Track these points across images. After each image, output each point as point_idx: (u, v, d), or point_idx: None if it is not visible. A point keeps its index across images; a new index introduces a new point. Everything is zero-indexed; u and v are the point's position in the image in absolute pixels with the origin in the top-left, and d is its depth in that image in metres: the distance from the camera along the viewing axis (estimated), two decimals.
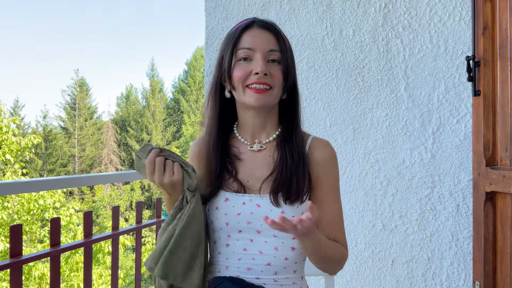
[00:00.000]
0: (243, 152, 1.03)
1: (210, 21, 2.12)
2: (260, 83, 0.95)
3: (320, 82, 2.01)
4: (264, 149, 1.03)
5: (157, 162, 0.91)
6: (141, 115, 27.71)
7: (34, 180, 1.66)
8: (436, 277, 1.87)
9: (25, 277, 7.11)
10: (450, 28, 1.87)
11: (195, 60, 28.61)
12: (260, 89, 0.96)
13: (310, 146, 1.04)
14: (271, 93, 0.97)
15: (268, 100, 0.98)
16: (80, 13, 48.49)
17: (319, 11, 2.01)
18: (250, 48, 0.97)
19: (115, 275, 1.93)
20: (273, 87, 0.97)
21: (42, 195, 8.15)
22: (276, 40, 0.99)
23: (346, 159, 1.97)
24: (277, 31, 1.00)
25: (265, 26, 0.99)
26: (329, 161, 1.03)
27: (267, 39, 0.98)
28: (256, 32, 0.98)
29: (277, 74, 0.97)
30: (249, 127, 1.04)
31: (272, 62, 0.98)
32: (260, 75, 0.95)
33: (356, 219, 1.96)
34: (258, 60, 0.95)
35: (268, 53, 0.97)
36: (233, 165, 1.01)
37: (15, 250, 1.41)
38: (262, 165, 1.01)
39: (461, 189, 1.85)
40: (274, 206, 0.95)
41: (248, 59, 0.97)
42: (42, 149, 25.17)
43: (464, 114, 1.85)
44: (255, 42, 0.97)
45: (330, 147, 1.06)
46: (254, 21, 1.00)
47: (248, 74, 0.96)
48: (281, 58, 0.98)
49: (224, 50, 1.01)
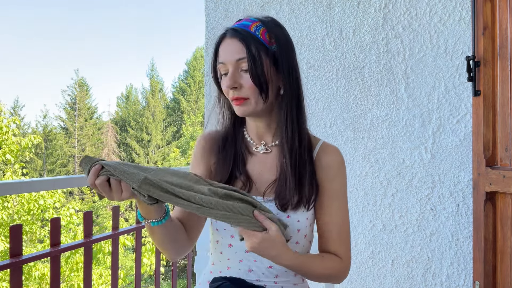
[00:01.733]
0: (251, 152, 1.03)
1: (210, 21, 2.13)
2: (234, 98, 0.94)
3: (320, 82, 2.01)
4: (270, 152, 1.02)
5: (99, 186, 0.81)
6: (141, 115, 27.70)
7: (34, 180, 1.66)
8: (436, 277, 1.87)
9: (25, 277, 7.11)
10: (450, 28, 1.87)
11: (195, 60, 28.61)
12: (237, 101, 0.94)
13: (319, 151, 1.02)
14: (249, 103, 0.94)
15: (249, 110, 0.95)
16: (80, 13, 48.53)
17: (319, 11, 2.01)
18: (222, 63, 0.94)
19: (115, 275, 1.93)
20: (248, 97, 0.93)
21: (42, 195, 8.16)
22: (245, 46, 0.91)
23: (346, 159, 1.97)
24: (246, 35, 0.92)
25: (234, 34, 0.93)
26: (334, 167, 1.00)
27: (235, 48, 0.92)
28: (227, 42, 0.94)
29: (247, 84, 0.92)
30: (254, 129, 1.03)
31: (244, 72, 0.92)
32: (230, 90, 0.94)
33: (356, 219, 1.96)
34: (228, 75, 0.93)
35: (237, 63, 0.92)
36: (241, 165, 1.00)
37: (15, 250, 1.41)
38: (268, 168, 1.00)
39: (461, 189, 1.85)
40: (278, 210, 0.94)
41: (226, 73, 0.95)
42: (42, 149, 25.17)
43: (464, 114, 1.85)
44: (226, 54, 0.93)
45: (338, 154, 1.02)
46: (226, 31, 0.95)
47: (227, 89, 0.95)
48: (248, 65, 0.91)
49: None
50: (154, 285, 2.29)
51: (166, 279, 16.00)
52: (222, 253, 1.01)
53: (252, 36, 0.92)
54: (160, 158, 26.26)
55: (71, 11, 48.45)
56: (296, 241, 0.97)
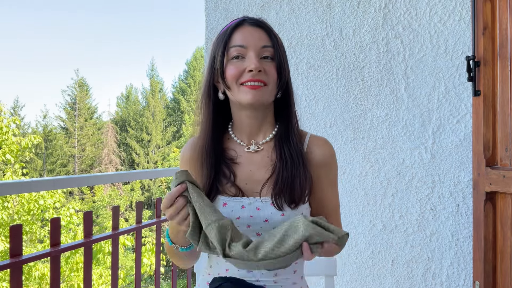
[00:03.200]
0: (240, 154, 1.01)
1: (210, 21, 2.13)
2: (255, 80, 0.93)
3: (320, 82, 2.01)
4: (261, 150, 1.01)
5: (175, 203, 0.85)
6: (141, 115, 27.70)
7: (34, 180, 1.66)
8: (436, 277, 1.87)
9: (25, 277, 7.11)
10: (450, 28, 1.87)
11: (195, 60, 28.61)
12: (255, 85, 0.93)
13: (309, 144, 1.03)
14: (266, 90, 0.95)
15: (264, 97, 0.95)
16: (80, 13, 48.54)
17: (319, 11, 2.01)
18: (242, 46, 0.94)
19: (115, 275, 1.93)
20: (268, 84, 0.95)
21: (42, 195, 8.16)
22: (268, 36, 0.97)
23: (346, 159, 1.97)
24: (269, 27, 0.99)
25: (256, 24, 0.97)
26: (329, 159, 1.03)
27: (259, 35, 0.96)
28: (248, 29, 0.96)
29: (271, 71, 0.95)
30: (246, 128, 1.02)
31: (265, 59, 0.95)
32: (255, 72, 0.93)
33: (356, 219, 1.96)
34: (252, 57, 0.93)
35: (261, 50, 0.95)
36: (230, 169, 0.99)
37: (15, 250, 1.41)
38: (261, 167, 0.99)
39: (461, 189, 1.85)
40: (274, 209, 0.94)
41: (240, 57, 0.95)
42: (42, 149, 25.17)
43: (464, 114, 1.85)
44: (247, 39, 0.95)
45: (329, 144, 1.05)
46: (245, 19, 0.99)
47: (242, 72, 0.94)
48: (274, 54, 0.96)
49: (215, 51, 0.98)
50: (154, 285, 2.29)
51: (166, 279, 16.01)
52: (220, 256, 1.00)
53: (273, 30, 1.00)
54: (160, 158, 26.27)
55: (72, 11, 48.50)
56: None
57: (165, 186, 17.90)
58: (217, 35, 1.02)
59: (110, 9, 50.69)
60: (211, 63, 1.00)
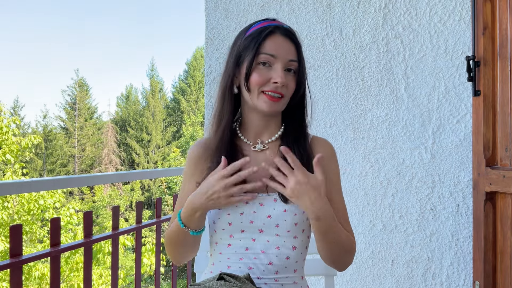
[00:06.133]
0: (246, 151, 1.04)
1: (210, 21, 2.12)
2: (277, 92, 0.97)
3: (320, 82, 2.01)
4: (266, 149, 1.04)
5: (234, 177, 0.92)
6: (141, 115, 27.69)
7: (34, 180, 1.66)
8: (436, 277, 1.87)
9: (25, 277, 7.11)
10: (450, 28, 1.87)
11: (195, 60, 28.59)
12: (275, 97, 0.97)
13: (311, 145, 1.06)
14: (283, 101, 1.00)
15: (279, 108, 1.00)
16: (80, 13, 48.54)
17: (319, 11, 2.01)
18: (273, 55, 0.97)
19: (115, 275, 1.93)
20: (285, 96, 0.99)
21: (42, 195, 8.16)
22: (296, 50, 1.00)
23: (346, 159, 1.97)
24: (298, 41, 1.02)
25: (288, 35, 1.00)
26: (331, 158, 1.06)
27: (289, 48, 0.99)
28: (280, 39, 0.99)
29: (291, 84, 1.00)
30: (253, 128, 1.05)
31: (288, 71, 0.99)
32: (279, 85, 0.97)
33: (356, 219, 1.96)
34: (278, 70, 0.97)
35: (287, 63, 0.98)
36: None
37: (15, 250, 1.41)
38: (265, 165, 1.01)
39: (461, 189, 1.85)
40: (277, 205, 0.96)
41: (267, 64, 0.98)
42: (42, 149, 25.17)
43: (464, 114, 1.85)
44: (278, 50, 0.98)
45: (329, 144, 1.09)
46: (278, 27, 1.00)
47: (267, 80, 0.97)
48: (297, 69, 1.00)
49: (243, 50, 1.00)
50: (154, 285, 2.29)
51: (166, 279, 16.00)
52: (222, 254, 1.01)
53: (300, 44, 1.03)
54: (160, 158, 26.27)
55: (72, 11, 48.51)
56: (294, 236, 0.98)
57: (165, 186, 17.91)
58: (245, 30, 1.03)
59: (110, 9, 50.72)
60: (236, 60, 1.01)
